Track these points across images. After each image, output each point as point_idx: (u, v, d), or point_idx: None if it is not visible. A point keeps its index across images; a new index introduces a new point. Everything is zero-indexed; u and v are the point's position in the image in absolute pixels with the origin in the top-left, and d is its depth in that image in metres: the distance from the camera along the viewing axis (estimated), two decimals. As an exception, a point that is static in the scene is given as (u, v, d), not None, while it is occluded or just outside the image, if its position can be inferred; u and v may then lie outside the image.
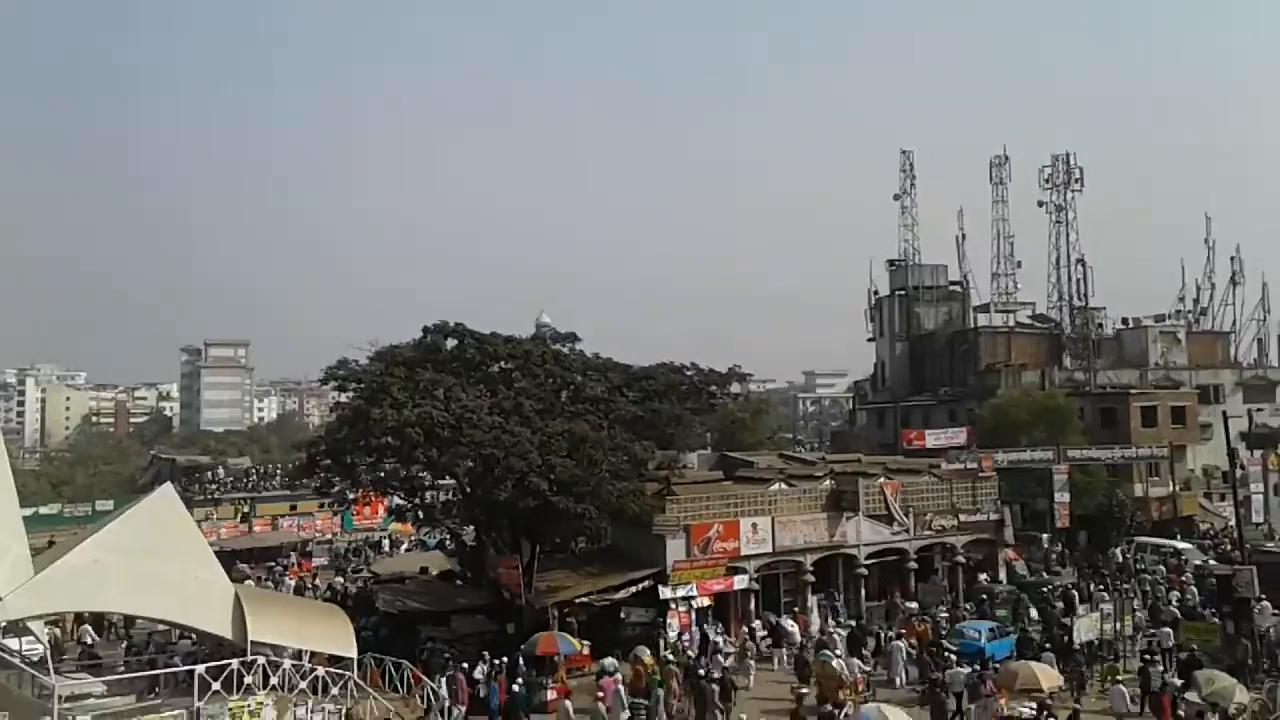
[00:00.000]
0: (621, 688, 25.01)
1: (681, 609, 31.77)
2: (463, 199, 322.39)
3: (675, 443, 38.02)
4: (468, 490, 32.43)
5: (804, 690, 25.98)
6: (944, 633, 32.21)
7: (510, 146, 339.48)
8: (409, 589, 35.03)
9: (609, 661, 27.36)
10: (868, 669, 29.22)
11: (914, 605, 36.25)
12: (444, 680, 25.85)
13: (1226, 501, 54.06)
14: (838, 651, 29.03)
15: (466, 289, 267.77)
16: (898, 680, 28.98)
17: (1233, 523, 43.33)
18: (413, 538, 56.08)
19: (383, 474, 34.26)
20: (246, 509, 59.80)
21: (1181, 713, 23.07)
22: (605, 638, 30.26)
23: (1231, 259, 72.99)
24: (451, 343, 34.76)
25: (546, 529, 32.29)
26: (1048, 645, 29.63)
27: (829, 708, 24.07)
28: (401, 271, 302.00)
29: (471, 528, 35.98)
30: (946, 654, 29.23)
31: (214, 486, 64.14)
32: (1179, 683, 25.67)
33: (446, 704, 25.08)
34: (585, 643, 29.18)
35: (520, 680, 26.09)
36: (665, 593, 31.48)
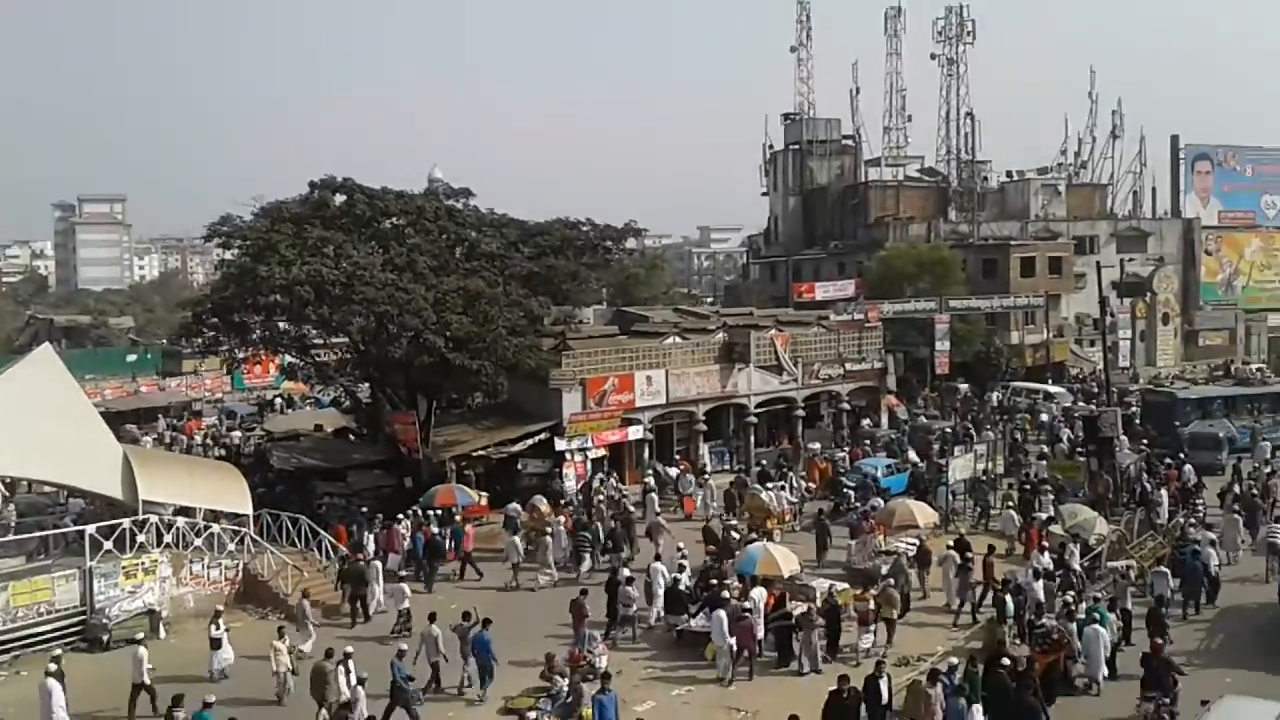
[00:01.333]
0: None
1: (578, 459, 32.56)
2: (351, 54, 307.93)
3: (571, 298, 38.13)
4: (362, 348, 32.21)
5: (734, 522, 27.91)
6: (843, 471, 34.04)
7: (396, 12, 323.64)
8: (304, 446, 34.99)
9: (512, 507, 28.28)
10: (794, 500, 30.95)
11: (815, 446, 37.97)
12: (371, 535, 26.39)
13: (1096, 347, 56.96)
14: (767, 486, 30.97)
15: (354, 144, 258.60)
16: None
17: (1101, 367, 45.83)
18: (306, 396, 55.62)
19: (272, 333, 33.74)
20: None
21: (1046, 543, 24.69)
22: (503, 489, 30.96)
23: (1113, 113, 74.67)
24: (340, 199, 33.78)
25: (443, 385, 32.42)
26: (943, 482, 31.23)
27: (755, 536, 26.13)
28: (287, 126, 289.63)
29: (366, 385, 35.88)
30: (845, 489, 31.27)
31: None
32: (1044, 516, 27.56)
33: (375, 551, 25.74)
34: (483, 494, 29.78)
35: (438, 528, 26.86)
36: (561, 445, 32.16)
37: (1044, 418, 44.39)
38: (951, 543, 24.55)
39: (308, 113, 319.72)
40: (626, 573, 22.26)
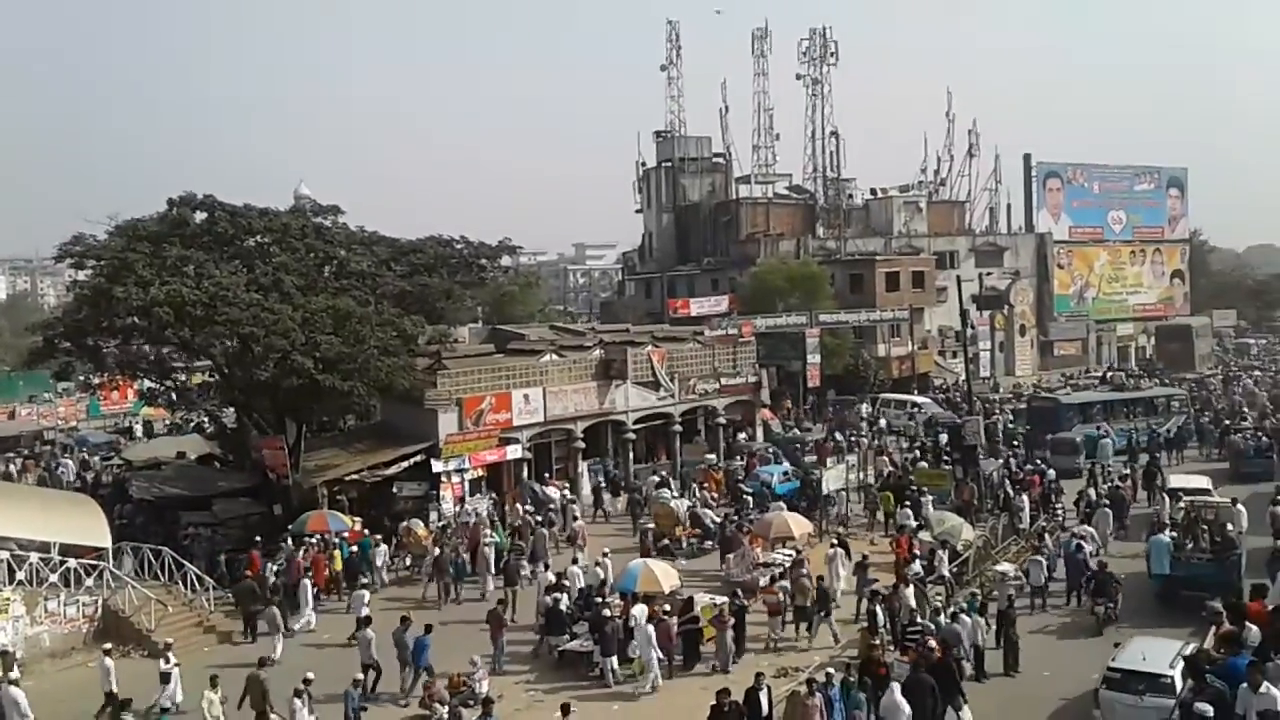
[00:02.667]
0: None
1: (454, 481, 32.06)
2: (213, 66, 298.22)
3: (446, 317, 37.64)
4: (226, 371, 31.08)
5: (650, 526, 29.41)
6: (740, 478, 35.05)
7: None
8: (166, 475, 33.54)
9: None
10: (693, 505, 31.78)
11: (712, 456, 38.75)
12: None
13: (959, 358, 59.05)
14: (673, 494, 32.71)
15: (216, 160, 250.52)
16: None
17: (964, 377, 47.55)
18: (167, 421, 53.41)
19: (130, 356, 32.30)
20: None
21: (917, 550, 25.45)
22: (378, 513, 30.25)
23: (969, 133, 77.77)
24: (201, 216, 32.62)
25: (313, 408, 31.55)
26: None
27: (666, 542, 27.77)
28: (144, 141, 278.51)
29: (232, 409, 34.61)
30: (743, 495, 32.22)
31: None
32: (914, 524, 28.37)
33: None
34: (356, 519, 29.02)
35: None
36: (438, 466, 31.61)
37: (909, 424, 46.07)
38: (835, 540, 25.93)
39: (174, 127, 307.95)
40: (550, 577, 23.27)
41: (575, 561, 25.73)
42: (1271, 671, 12.02)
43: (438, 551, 26.37)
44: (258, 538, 26.98)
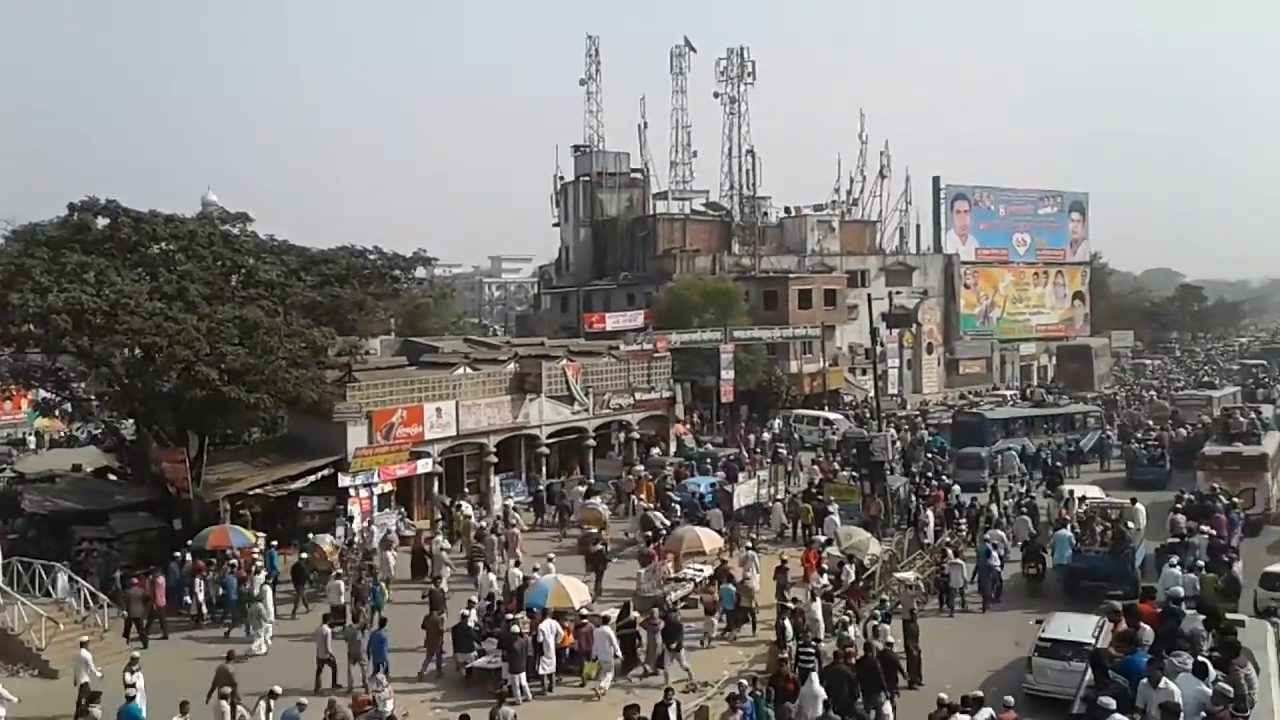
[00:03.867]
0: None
1: (363, 495, 31.58)
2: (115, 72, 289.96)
3: (357, 329, 37.08)
4: (126, 381, 30.15)
5: (593, 531, 29.92)
6: (670, 486, 35.51)
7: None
8: (60, 488, 32.34)
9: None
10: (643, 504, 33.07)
11: (640, 469, 38.91)
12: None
13: (868, 375, 60.13)
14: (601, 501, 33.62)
15: (120, 165, 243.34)
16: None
17: (872, 394, 48.41)
18: (62, 433, 51.60)
19: (25, 365, 31.15)
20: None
21: (825, 565, 25.78)
22: (282, 528, 29.62)
23: (881, 154, 79.49)
24: (103, 221, 31.62)
25: (216, 420, 30.76)
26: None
27: (597, 546, 28.25)
28: (42, 142, 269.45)
29: (131, 421, 33.59)
30: (672, 504, 32.74)
31: None
32: (823, 538, 28.73)
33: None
34: (259, 535, 28.36)
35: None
36: (346, 480, 31.10)
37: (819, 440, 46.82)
38: (750, 544, 27.03)
39: (77, 131, 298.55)
40: (492, 578, 24.53)
41: (518, 564, 26.15)
42: (1168, 668, 12.79)
43: (342, 574, 25.62)
44: (174, 555, 26.17)
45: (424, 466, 33.79)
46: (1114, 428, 49.12)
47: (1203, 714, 11.94)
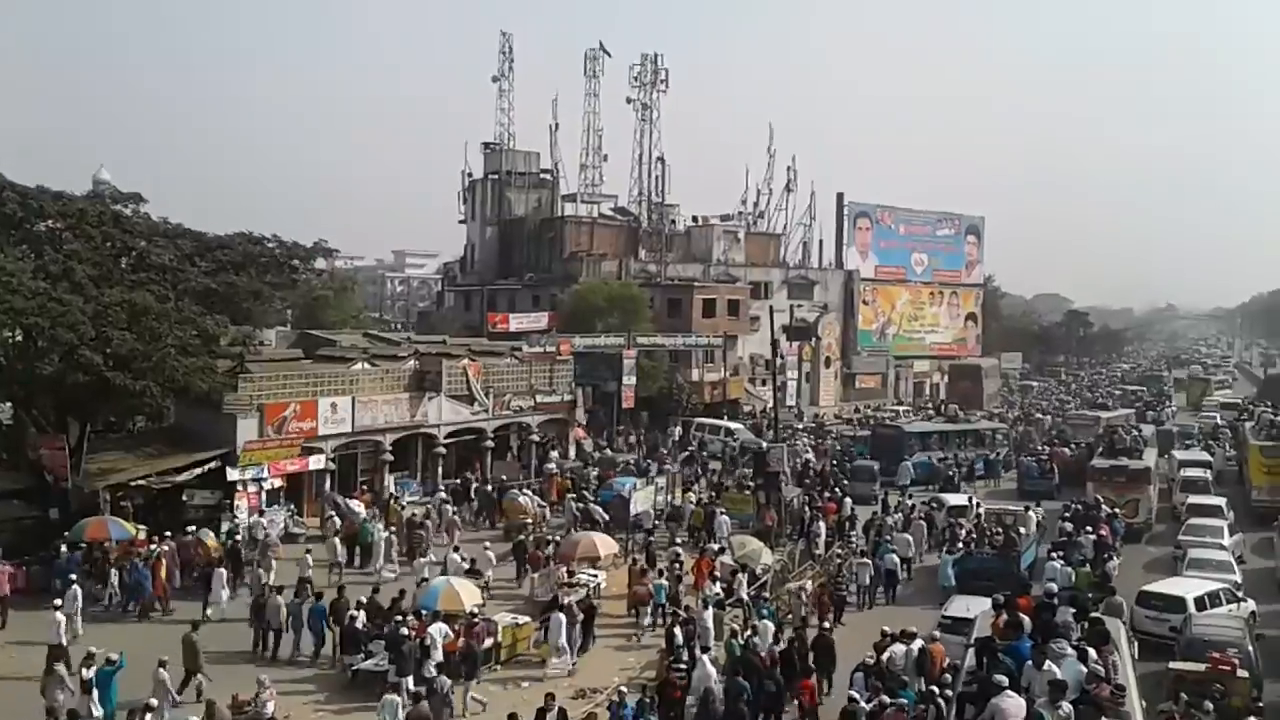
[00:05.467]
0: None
1: (251, 490, 30.75)
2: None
3: (252, 318, 36.15)
4: (4, 363, 28.80)
5: (527, 523, 31.62)
6: (595, 487, 36.30)
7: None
8: (-73, 473, 30.77)
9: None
10: (543, 504, 34.62)
11: (551, 466, 39.47)
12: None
13: (767, 386, 60.99)
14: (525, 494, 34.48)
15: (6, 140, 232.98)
16: None
17: (771, 404, 49.13)
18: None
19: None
20: None
21: (717, 573, 26.01)
22: (165, 521, 28.64)
23: (788, 169, 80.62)
24: (-15, 196, 30.18)
25: (99, 407, 29.54)
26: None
27: (519, 536, 29.62)
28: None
29: (9, 405, 32.10)
30: (589, 504, 33.16)
31: None
32: (716, 547, 29.01)
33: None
34: (141, 527, 27.40)
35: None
36: (234, 474, 30.24)
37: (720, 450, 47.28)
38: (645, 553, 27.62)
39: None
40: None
41: (457, 550, 27.10)
42: (1050, 653, 14.11)
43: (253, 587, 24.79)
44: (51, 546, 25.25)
45: (316, 463, 33.04)
46: (1008, 443, 51.02)
47: (1082, 689, 13.30)
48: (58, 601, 21.17)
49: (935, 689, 16.69)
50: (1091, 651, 14.38)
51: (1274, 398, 59.31)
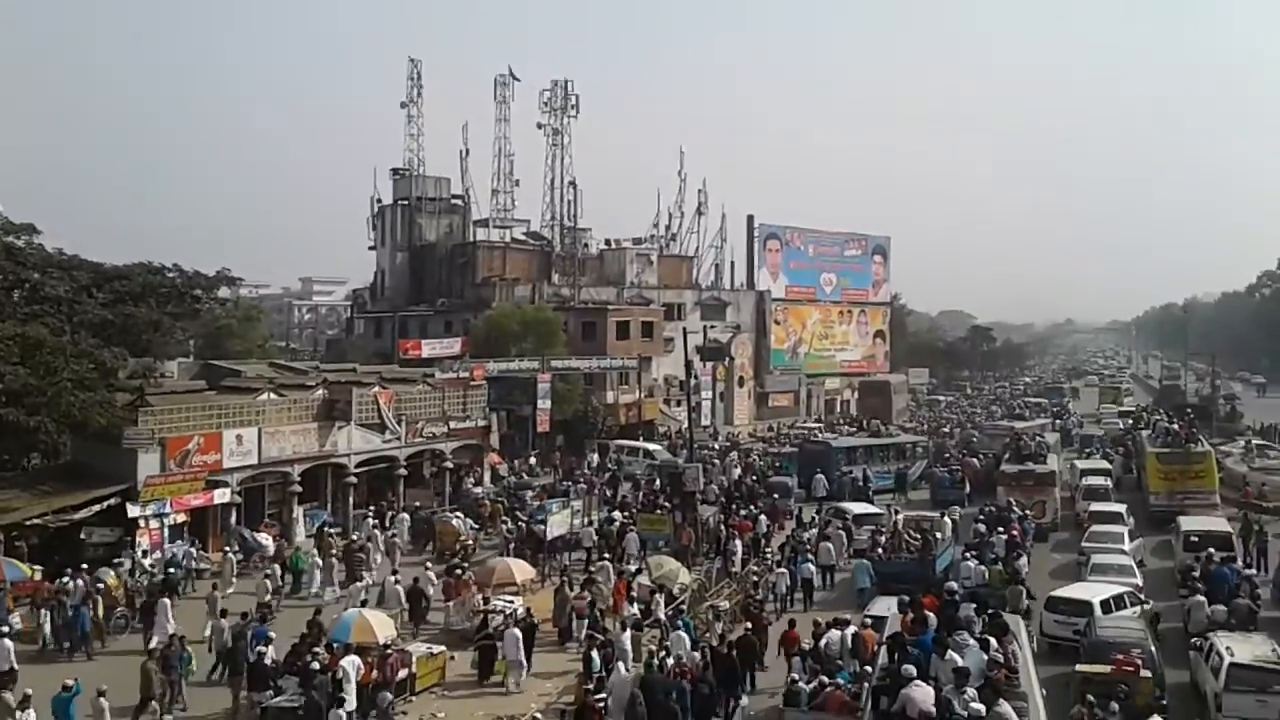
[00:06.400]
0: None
1: (153, 526, 29.82)
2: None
3: (153, 350, 35.22)
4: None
5: (469, 545, 32.58)
6: (520, 506, 37.49)
7: None
8: None
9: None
10: (475, 527, 35.27)
11: (479, 490, 40.71)
12: None
13: (682, 407, 61.26)
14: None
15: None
16: None
17: (686, 425, 49.35)
18: None
19: None
20: None
21: (634, 594, 25.99)
22: (63, 560, 27.57)
23: (699, 191, 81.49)
24: None
25: (-9, 445, 28.54)
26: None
27: (451, 557, 30.21)
28: None
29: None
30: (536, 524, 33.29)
31: None
32: (634, 569, 28.99)
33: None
34: (36, 568, 26.36)
35: None
36: (135, 510, 29.30)
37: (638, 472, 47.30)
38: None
39: None
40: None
41: (395, 573, 27.64)
42: (954, 644, 15.35)
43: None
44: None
45: (221, 496, 32.18)
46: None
47: (984, 676, 14.50)
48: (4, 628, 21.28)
49: (869, 669, 17.65)
50: (992, 641, 15.79)
51: (1169, 406, 61.68)
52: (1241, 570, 27.61)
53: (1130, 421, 62.12)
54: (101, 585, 25.44)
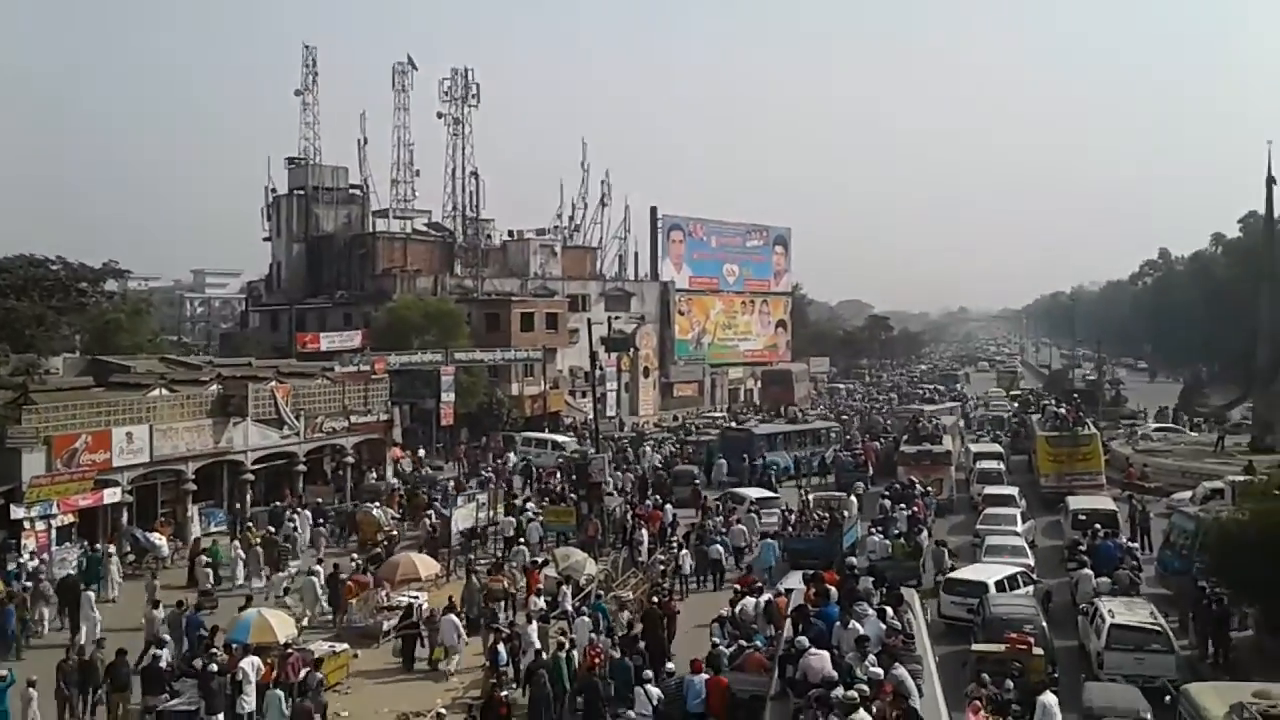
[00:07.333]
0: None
1: (40, 528, 28.66)
2: None
3: (36, 345, 33.88)
4: None
5: (392, 535, 32.78)
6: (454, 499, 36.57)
7: None
8: None
9: None
10: (397, 516, 35.63)
11: (395, 481, 40.99)
12: None
13: (587, 397, 61.30)
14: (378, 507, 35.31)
15: None
16: None
17: (592, 416, 49.42)
18: None
19: None
20: None
21: (541, 586, 25.98)
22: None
23: (602, 183, 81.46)
24: None
25: None
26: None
27: (374, 548, 30.67)
28: None
29: None
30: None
31: None
32: (541, 559, 28.96)
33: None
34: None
35: None
36: (19, 512, 28.11)
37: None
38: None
39: None
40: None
41: (320, 562, 27.78)
42: (855, 614, 16.50)
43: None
44: None
45: (112, 496, 31.09)
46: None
47: (882, 643, 15.58)
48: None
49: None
50: (889, 611, 16.99)
51: (1057, 391, 63.98)
52: (1125, 545, 28.87)
53: (1017, 405, 64.69)
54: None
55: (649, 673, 18.43)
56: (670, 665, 19.41)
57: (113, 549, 28.88)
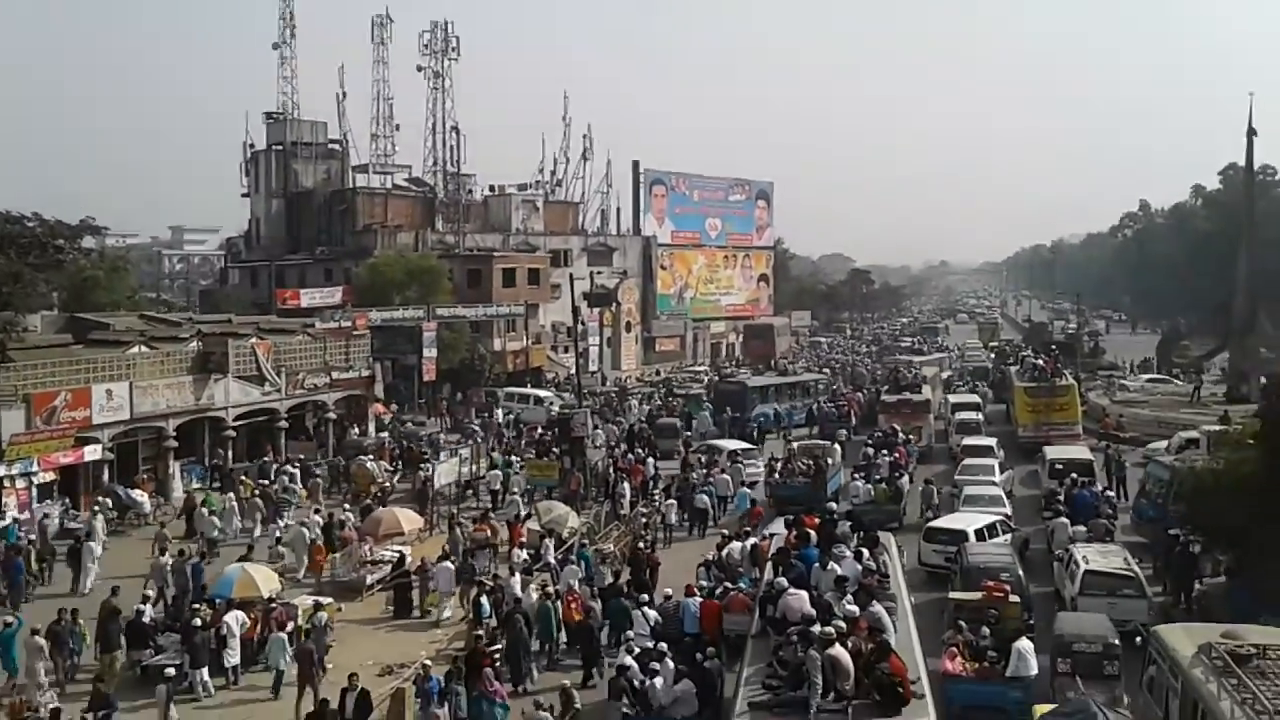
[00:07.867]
0: None
1: (19, 486, 28.65)
2: None
3: (14, 303, 33.52)
4: None
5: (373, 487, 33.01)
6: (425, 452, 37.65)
7: None
8: None
9: None
10: (391, 469, 35.94)
11: (385, 435, 41.31)
12: None
13: (569, 353, 61.36)
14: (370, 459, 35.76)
15: None
16: None
17: (574, 371, 49.56)
18: None
19: None
20: None
21: (524, 539, 26.19)
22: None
23: (584, 137, 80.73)
24: None
25: None
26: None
27: (366, 500, 31.30)
28: None
29: None
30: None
31: None
32: (525, 512, 29.17)
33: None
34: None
35: None
36: (-1, 470, 28.10)
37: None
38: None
39: None
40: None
41: (318, 512, 28.49)
42: (834, 556, 17.16)
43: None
44: None
45: (92, 453, 31.05)
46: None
47: (859, 582, 16.17)
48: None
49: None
50: (865, 552, 17.60)
51: (1036, 343, 64.40)
52: (1101, 493, 29.25)
53: (995, 357, 65.46)
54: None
55: (645, 596, 20.11)
56: (668, 590, 20.57)
57: (98, 506, 28.91)
